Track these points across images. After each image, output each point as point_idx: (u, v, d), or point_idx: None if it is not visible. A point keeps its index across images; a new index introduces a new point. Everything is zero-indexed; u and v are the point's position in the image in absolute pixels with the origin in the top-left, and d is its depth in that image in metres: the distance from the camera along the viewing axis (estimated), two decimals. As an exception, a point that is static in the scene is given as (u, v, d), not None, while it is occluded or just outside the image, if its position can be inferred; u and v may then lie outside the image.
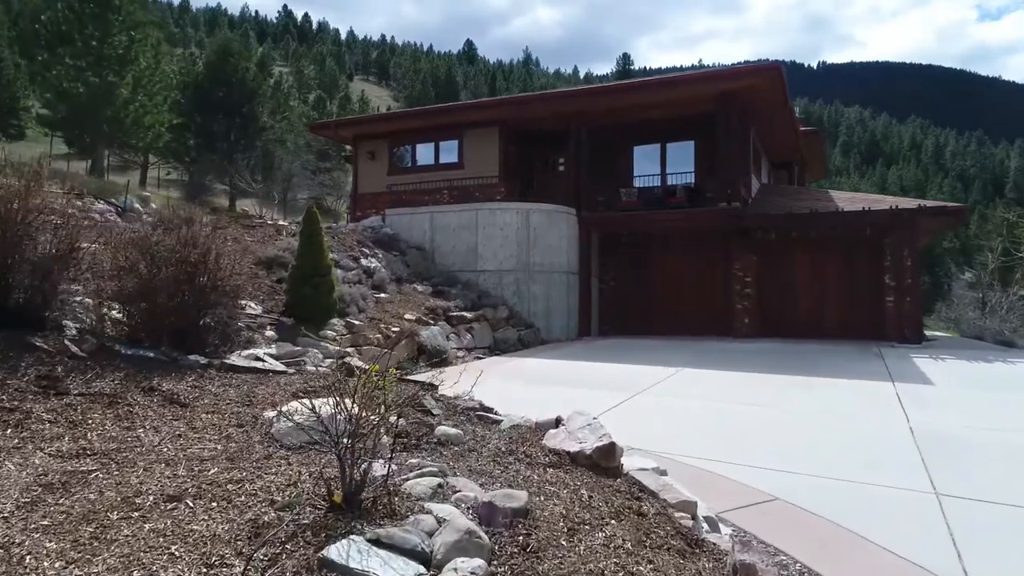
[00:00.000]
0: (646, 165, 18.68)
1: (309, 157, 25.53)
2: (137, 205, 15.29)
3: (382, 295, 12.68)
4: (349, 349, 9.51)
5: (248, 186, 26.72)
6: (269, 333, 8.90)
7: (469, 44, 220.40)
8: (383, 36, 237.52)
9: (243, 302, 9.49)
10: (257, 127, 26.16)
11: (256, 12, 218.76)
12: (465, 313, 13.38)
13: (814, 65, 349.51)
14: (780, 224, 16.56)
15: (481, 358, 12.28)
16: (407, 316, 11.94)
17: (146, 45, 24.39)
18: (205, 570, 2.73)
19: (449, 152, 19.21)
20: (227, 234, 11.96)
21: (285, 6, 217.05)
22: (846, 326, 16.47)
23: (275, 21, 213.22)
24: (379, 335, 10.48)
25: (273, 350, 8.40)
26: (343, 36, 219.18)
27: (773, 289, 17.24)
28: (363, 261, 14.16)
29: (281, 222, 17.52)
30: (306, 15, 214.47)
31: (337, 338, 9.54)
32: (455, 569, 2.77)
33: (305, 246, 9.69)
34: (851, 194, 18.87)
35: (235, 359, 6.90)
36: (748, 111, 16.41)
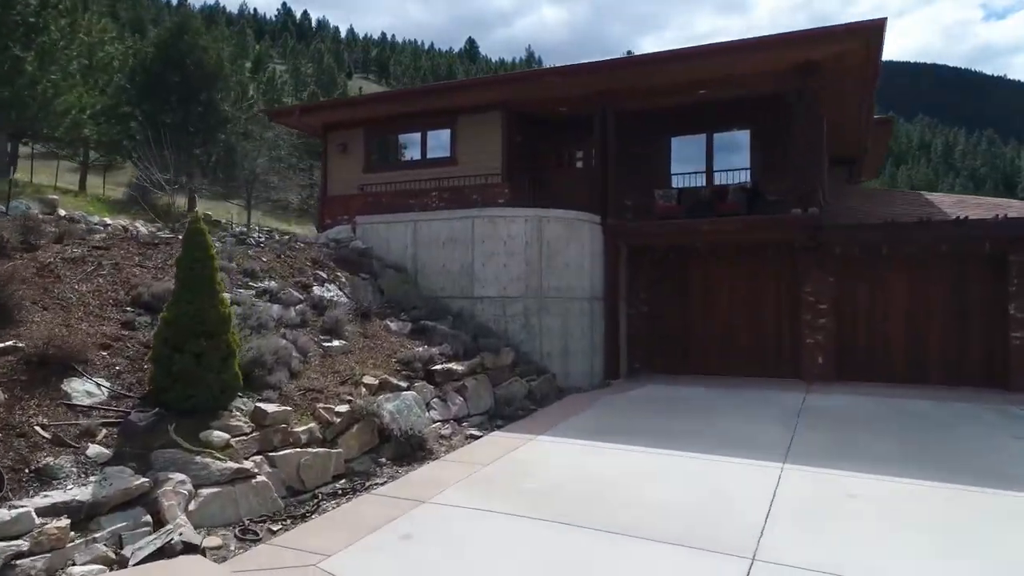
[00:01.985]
0: (687, 160, 14.83)
1: (280, 153, 21.79)
2: (34, 210, 11.50)
3: (335, 343, 8.83)
4: (250, 462, 5.66)
5: (204, 185, 22.91)
6: (95, 449, 5.07)
7: (471, 42, 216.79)
8: (383, 34, 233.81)
9: (75, 385, 5.66)
10: (220, 118, 22.35)
11: (255, 10, 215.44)
12: (454, 366, 9.53)
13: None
14: (871, 237, 12.69)
15: (476, 436, 8.43)
16: (368, 378, 8.10)
17: (59, 9, 20.20)
18: None
19: (439, 144, 15.37)
20: (107, 257, 8.14)
21: (284, 3, 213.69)
22: (956, 370, 12.59)
23: (274, 19, 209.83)
24: (314, 423, 6.63)
25: (88, 491, 4.58)
26: (343, 34, 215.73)
27: (856, 320, 13.38)
28: (316, 290, 10.32)
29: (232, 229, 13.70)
30: (305, 13, 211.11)
31: (232, 443, 5.70)
32: None
33: (184, 286, 5.86)
34: (952, 197, 15.00)
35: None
36: (825, 89, 12.55)
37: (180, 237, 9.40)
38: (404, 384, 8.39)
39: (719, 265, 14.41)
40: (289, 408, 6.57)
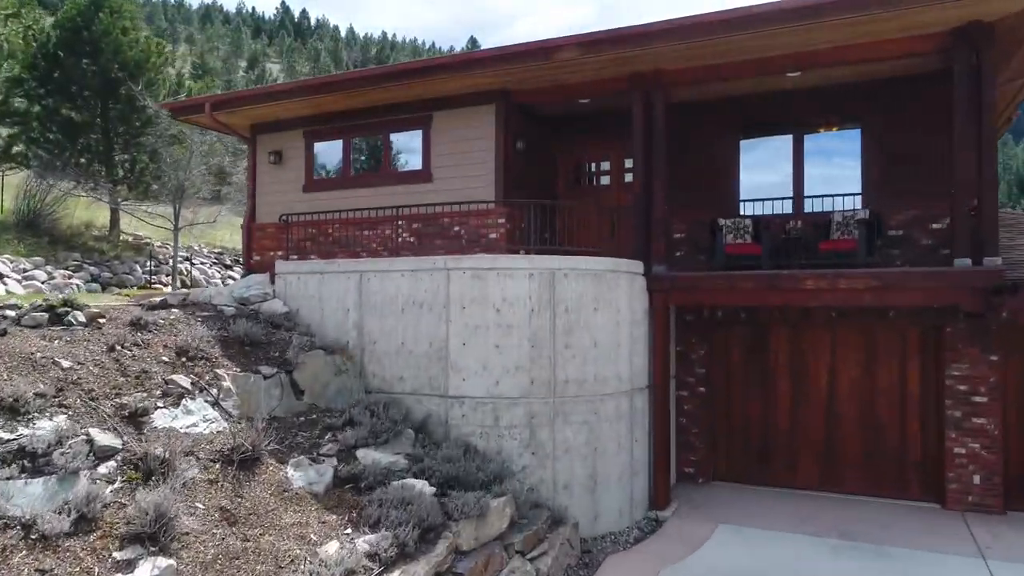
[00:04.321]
0: (763, 171, 10.31)
1: (216, 160, 17.35)
2: None
3: (147, 570, 4.31)
4: None
5: (132, 197, 18.42)
6: None
7: (472, 42, 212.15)
8: (384, 33, 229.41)
9: None
10: (146, 118, 17.86)
11: (253, 9, 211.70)
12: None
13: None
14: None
15: None
16: None
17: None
18: None
19: (406, 151, 10.89)
20: None
21: (283, 2, 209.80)
22: None
23: (272, 18, 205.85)
24: None
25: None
26: (343, 33, 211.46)
27: (1036, 421, 8.84)
28: (159, 418, 5.79)
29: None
30: (304, 12, 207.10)
31: None
32: None
33: None
34: None
35: None
36: (994, 66, 8.00)
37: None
38: None
39: (816, 333, 9.84)
40: None
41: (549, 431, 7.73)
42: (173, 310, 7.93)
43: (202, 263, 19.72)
